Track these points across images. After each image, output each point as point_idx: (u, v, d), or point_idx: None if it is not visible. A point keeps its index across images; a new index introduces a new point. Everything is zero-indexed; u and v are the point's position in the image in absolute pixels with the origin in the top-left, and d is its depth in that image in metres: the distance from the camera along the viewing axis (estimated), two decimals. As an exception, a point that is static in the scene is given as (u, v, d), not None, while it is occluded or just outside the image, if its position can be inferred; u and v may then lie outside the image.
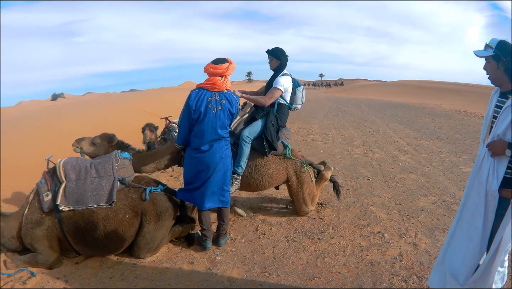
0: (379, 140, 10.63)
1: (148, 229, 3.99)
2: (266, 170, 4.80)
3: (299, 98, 5.06)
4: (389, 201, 5.53)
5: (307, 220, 4.86)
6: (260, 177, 4.78)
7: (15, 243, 3.99)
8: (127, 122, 10.90)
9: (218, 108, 3.96)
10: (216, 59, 4.04)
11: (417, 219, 4.84)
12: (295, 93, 4.98)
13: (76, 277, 3.80)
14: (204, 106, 3.91)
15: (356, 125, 13.90)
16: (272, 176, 4.83)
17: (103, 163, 4.07)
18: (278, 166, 4.87)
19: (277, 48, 4.83)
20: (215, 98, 3.96)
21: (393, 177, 6.81)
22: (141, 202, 4.02)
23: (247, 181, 4.78)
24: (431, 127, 13.23)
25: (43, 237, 3.87)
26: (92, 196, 3.86)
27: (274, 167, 4.84)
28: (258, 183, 4.83)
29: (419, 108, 21.41)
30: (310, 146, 9.98)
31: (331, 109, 21.37)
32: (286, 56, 4.84)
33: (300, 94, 5.04)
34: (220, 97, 3.98)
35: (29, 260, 3.91)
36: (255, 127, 4.72)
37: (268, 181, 4.84)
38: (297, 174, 4.94)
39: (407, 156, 8.53)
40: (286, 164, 4.93)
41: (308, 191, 4.93)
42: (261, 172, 4.78)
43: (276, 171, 4.85)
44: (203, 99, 3.92)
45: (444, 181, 6.52)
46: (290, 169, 4.94)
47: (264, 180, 4.81)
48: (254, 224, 4.81)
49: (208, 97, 3.94)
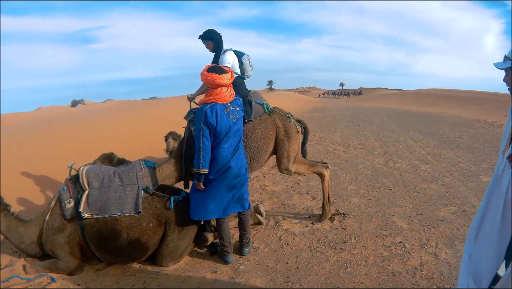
0: (399, 150, 10.58)
1: (172, 238, 3.99)
2: (256, 133, 4.75)
3: (247, 65, 4.98)
4: (410, 211, 5.53)
5: (329, 230, 4.90)
6: (254, 142, 4.73)
7: (35, 248, 4.02)
8: (149, 130, 10.96)
9: (236, 117, 3.91)
10: (213, 67, 3.88)
11: (438, 229, 4.84)
12: (242, 63, 4.92)
13: (97, 284, 3.84)
14: (225, 120, 3.80)
15: (377, 135, 13.84)
16: (264, 135, 4.80)
17: (127, 172, 4.05)
18: (265, 124, 4.85)
19: (206, 31, 4.80)
20: (230, 109, 3.87)
21: (414, 186, 6.80)
22: (165, 210, 4.01)
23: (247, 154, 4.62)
24: (450, 137, 13.09)
25: (64, 244, 3.89)
26: (116, 204, 3.85)
27: (262, 126, 4.81)
28: (257, 149, 4.76)
29: (438, 118, 21.16)
30: (332, 155, 10.00)
31: (352, 119, 21.27)
32: (218, 33, 4.81)
33: (247, 61, 4.97)
34: (233, 105, 3.92)
35: (49, 265, 3.93)
36: None
37: (263, 142, 4.80)
38: (285, 127, 4.94)
39: (428, 166, 8.48)
40: (272, 118, 4.93)
41: (293, 147, 4.97)
42: (253, 137, 4.73)
43: (265, 128, 4.82)
44: (221, 114, 3.79)
45: (464, 190, 6.48)
46: (278, 122, 4.93)
47: (259, 143, 4.77)
48: (277, 233, 4.86)
49: (223, 109, 3.82)
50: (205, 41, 4.82)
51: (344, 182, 7.17)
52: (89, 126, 11.72)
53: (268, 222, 5.18)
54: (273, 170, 8.16)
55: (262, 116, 4.90)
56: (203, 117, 3.77)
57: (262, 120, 4.87)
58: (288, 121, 5.00)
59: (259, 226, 5.07)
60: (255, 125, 4.79)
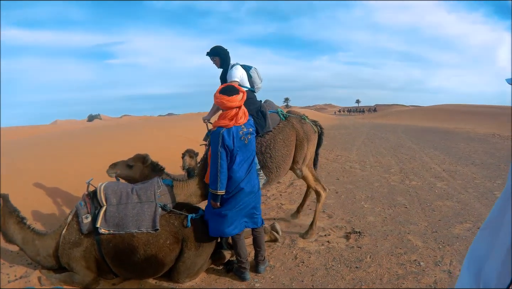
0: (415, 167, 10.56)
1: (188, 255, 3.99)
2: (278, 143, 4.81)
3: (256, 78, 5.01)
4: (425, 228, 5.55)
5: (345, 248, 4.95)
6: (278, 151, 4.78)
7: (51, 261, 4.07)
8: (166, 147, 11.00)
9: (248, 138, 3.94)
10: (225, 88, 3.90)
11: (453, 247, 4.86)
12: (251, 76, 4.93)
13: (112, 298, 3.88)
14: (240, 141, 3.86)
15: (393, 152, 13.81)
16: (286, 142, 4.85)
17: (144, 189, 4.08)
18: (285, 131, 4.90)
19: (213, 47, 4.86)
20: (244, 130, 3.90)
21: (429, 204, 6.81)
22: (183, 228, 4.02)
23: (269, 165, 4.75)
24: (466, 153, 13.02)
25: (80, 258, 3.92)
26: (133, 221, 3.88)
27: (282, 134, 4.87)
28: (282, 158, 4.81)
29: (454, 133, 21.03)
30: (348, 173, 10.01)
31: (368, 136, 21.24)
32: (225, 49, 4.85)
33: (255, 74, 5.00)
34: (247, 126, 3.95)
35: (65, 278, 3.97)
36: None
37: (287, 149, 4.86)
38: (304, 129, 5.07)
39: (443, 183, 8.47)
40: (290, 123, 5.01)
41: (311, 148, 5.18)
42: (276, 147, 4.78)
43: (285, 135, 4.89)
44: (236, 136, 3.83)
45: (479, 207, 6.47)
46: (296, 125, 5.02)
47: (283, 151, 4.82)
48: (293, 252, 4.90)
49: (239, 131, 3.86)
50: (212, 57, 4.89)
51: (360, 200, 7.20)
52: (106, 142, 11.78)
53: (284, 241, 5.24)
54: (290, 188, 8.25)
55: (279, 124, 4.97)
56: (220, 140, 3.79)
57: (280, 128, 4.93)
58: (304, 123, 5.14)
59: (275, 244, 5.13)
60: (275, 134, 4.85)
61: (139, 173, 4.67)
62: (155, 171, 4.70)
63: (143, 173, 4.66)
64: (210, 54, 4.88)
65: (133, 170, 4.67)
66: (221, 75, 4.97)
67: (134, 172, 4.66)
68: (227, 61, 4.89)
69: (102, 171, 5.03)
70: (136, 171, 4.67)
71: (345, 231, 5.51)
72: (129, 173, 4.66)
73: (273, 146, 4.78)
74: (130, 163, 4.66)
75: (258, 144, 4.70)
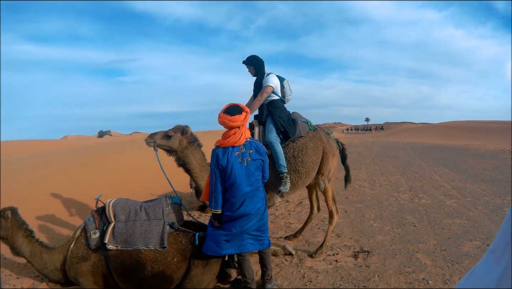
0: (425, 186, 10.48)
1: (195, 273, 3.94)
2: (309, 149, 5.00)
3: (288, 90, 5.28)
4: (434, 247, 5.48)
5: (353, 267, 4.90)
6: (309, 157, 4.97)
7: (58, 274, 4.10)
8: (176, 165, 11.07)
9: (248, 160, 3.80)
10: (229, 108, 3.84)
11: (461, 265, 4.79)
12: (283, 86, 5.22)
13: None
14: (236, 162, 3.74)
15: (403, 170, 13.73)
16: (316, 151, 5.06)
17: (153, 207, 4.08)
18: (315, 140, 5.11)
19: (249, 56, 5.11)
20: (242, 151, 3.80)
21: (438, 222, 6.73)
22: (190, 246, 4.00)
23: (299, 169, 4.93)
24: (475, 169, 12.90)
25: (87, 272, 3.93)
26: (141, 238, 3.88)
27: (312, 142, 5.07)
28: (311, 164, 5.01)
29: (463, 150, 20.87)
30: (357, 192, 9.96)
31: (377, 154, 21.16)
32: (260, 59, 5.09)
33: (287, 86, 5.27)
34: (246, 147, 3.83)
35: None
36: (269, 127, 4.96)
37: (316, 156, 5.07)
38: (329, 142, 5.30)
39: (453, 201, 8.39)
40: (319, 134, 5.22)
41: (335, 162, 5.35)
42: (308, 153, 4.98)
43: (315, 144, 5.09)
44: (231, 156, 3.74)
45: (489, 224, 6.39)
46: (324, 138, 5.24)
47: (313, 158, 5.02)
48: (301, 271, 4.86)
49: (235, 151, 3.78)
50: (248, 66, 5.13)
51: (369, 219, 7.15)
52: (116, 158, 11.76)
53: (292, 260, 5.20)
54: (299, 207, 8.22)
55: (308, 133, 5.15)
56: (215, 159, 3.76)
57: (310, 136, 5.11)
58: (329, 138, 5.39)
59: (283, 263, 5.09)
60: (306, 142, 5.04)
61: (177, 144, 4.69)
62: (192, 143, 4.78)
63: (181, 143, 4.70)
64: (246, 63, 5.11)
65: (172, 140, 4.67)
66: (254, 83, 5.19)
67: (172, 142, 4.67)
68: (262, 70, 5.10)
69: (111, 187, 5.05)
70: (175, 141, 4.67)
71: (353, 250, 5.46)
72: (167, 143, 4.66)
73: (305, 152, 4.95)
74: (169, 133, 4.66)
75: (290, 149, 4.93)
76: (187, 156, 4.77)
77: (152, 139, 4.64)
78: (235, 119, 3.75)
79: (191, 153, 4.78)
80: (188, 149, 4.74)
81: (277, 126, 4.93)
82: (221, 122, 3.81)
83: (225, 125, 3.82)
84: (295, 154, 4.91)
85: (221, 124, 3.83)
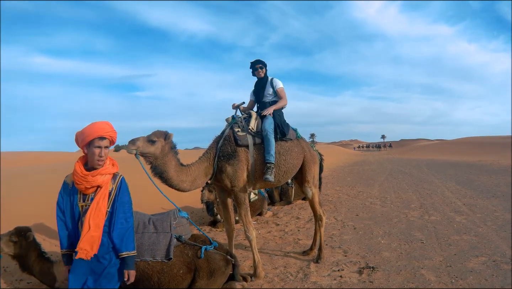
0: (436, 202, 10.34)
1: (200, 284, 4.01)
2: (293, 153, 5.43)
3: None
4: (440, 263, 5.40)
5: (357, 283, 4.85)
6: (292, 160, 5.39)
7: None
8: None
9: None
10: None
11: (466, 281, 4.71)
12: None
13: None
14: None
15: (415, 188, 13.57)
16: (298, 156, 5.52)
17: (161, 220, 4.13)
18: (299, 146, 5.61)
19: (258, 59, 5.56)
20: None
21: (446, 238, 6.63)
22: (196, 259, 4.06)
23: (281, 166, 5.24)
24: (488, 185, 12.70)
25: None
26: (149, 250, 3.92)
27: (297, 148, 5.53)
28: (292, 166, 5.41)
29: (477, 166, 20.57)
30: (368, 209, 9.87)
31: (391, 172, 20.98)
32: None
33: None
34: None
35: None
36: (270, 120, 5.24)
37: (298, 161, 5.52)
38: (311, 152, 5.83)
39: (462, 217, 8.26)
40: (302, 143, 5.75)
41: (316, 170, 5.85)
42: (292, 155, 5.40)
43: (299, 150, 5.56)
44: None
45: (497, 240, 6.28)
46: (305, 147, 5.76)
47: (295, 161, 5.45)
48: (305, 286, 4.83)
49: None
50: (260, 66, 5.55)
51: (377, 236, 7.08)
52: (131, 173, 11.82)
53: (297, 275, 5.19)
54: (309, 224, 8.18)
55: (294, 140, 5.59)
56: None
57: (295, 143, 5.58)
58: (311, 148, 5.97)
59: (287, 278, 5.06)
60: (293, 146, 5.48)
61: (160, 149, 4.33)
62: (173, 148, 4.49)
63: (163, 149, 4.37)
64: (259, 64, 5.54)
65: (155, 146, 4.28)
66: (255, 84, 5.71)
67: (155, 148, 4.28)
68: (267, 72, 5.66)
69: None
70: (158, 146, 4.29)
71: (358, 266, 5.41)
72: (151, 150, 4.26)
73: (290, 154, 5.36)
74: (152, 138, 4.29)
75: (278, 146, 5.25)
76: (166, 163, 4.41)
77: (134, 146, 4.16)
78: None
79: (169, 160, 4.44)
80: (167, 156, 4.41)
81: (276, 121, 5.27)
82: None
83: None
84: (281, 152, 5.24)
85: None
